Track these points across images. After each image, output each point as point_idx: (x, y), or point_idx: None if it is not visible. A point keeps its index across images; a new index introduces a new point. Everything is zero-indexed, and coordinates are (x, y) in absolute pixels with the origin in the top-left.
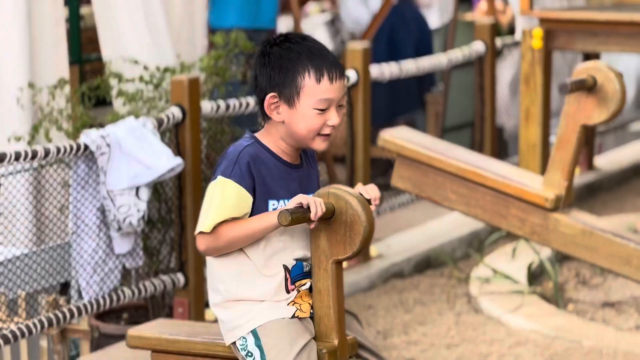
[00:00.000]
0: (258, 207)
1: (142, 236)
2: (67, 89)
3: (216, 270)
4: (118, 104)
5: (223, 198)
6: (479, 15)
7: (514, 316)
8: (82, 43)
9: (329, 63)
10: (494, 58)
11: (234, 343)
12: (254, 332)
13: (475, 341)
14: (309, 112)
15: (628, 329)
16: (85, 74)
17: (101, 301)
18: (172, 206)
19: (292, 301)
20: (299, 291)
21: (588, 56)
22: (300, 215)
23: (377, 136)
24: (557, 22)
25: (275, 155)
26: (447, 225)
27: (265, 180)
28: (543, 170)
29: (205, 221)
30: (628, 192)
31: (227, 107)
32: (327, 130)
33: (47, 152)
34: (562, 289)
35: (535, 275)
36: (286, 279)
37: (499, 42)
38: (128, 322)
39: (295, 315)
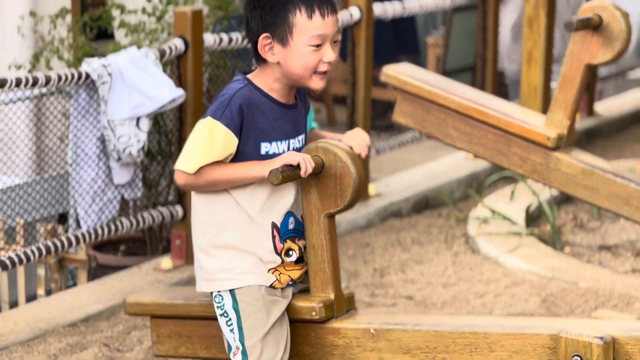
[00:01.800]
0: (250, 150)
1: (142, 168)
2: (68, 18)
3: (202, 214)
4: (120, 35)
5: (211, 141)
6: None
7: (511, 257)
8: None
9: None
10: None
11: (210, 293)
12: (232, 293)
13: (472, 281)
14: (303, 49)
15: (624, 271)
16: (87, 7)
17: (99, 231)
18: (172, 138)
19: (274, 268)
20: (283, 260)
21: None
22: (290, 173)
23: (377, 76)
24: None
25: (270, 97)
26: (446, 166)
27: (257, 123)
28: (544, 113)
29: (190, 161)
30: (627, 138)
31: (230, 40)
32: (323, 67)
33: (48, 80)
34: (560, 232)
35: (533, 218)
36: (273, 237)
37: None
38: (125, 254)
39: (273, 285)
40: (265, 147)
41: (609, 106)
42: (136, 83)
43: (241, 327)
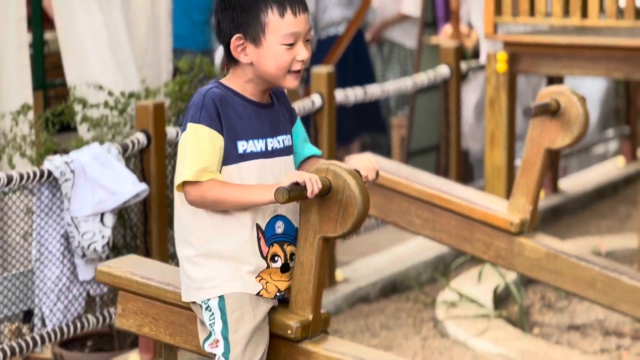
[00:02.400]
0: (227, 150)
1: None
2: (30, 114)
3: (187, 222)
4: (83, 130)
5: (198, 143)
6: (444, 38)
7: (480, 340)
8: (46, 68)
9: None
10: (459, 81)
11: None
12: (219, 297)
13: None
14: (276, 48)
15: (593, 352)
16: (50, 100)
17: (65, 329)
18: (137, 232)
19: (260, 276)
20: (268, 265)
21: (552, 80)
22: (297, 193)
23: (341, 158)
24: (521, 45)
25: (242, 95)
26: (413, 249)
27: (232, 121)
28: (509, 193)
29: (184, 170)
30: (592, 214)
31: None
32: (297, 66)
33: (10, 179)
34: (528, 312)
35: (500, 299)
36: (258, 238)
37: (463, 65)
38: (92, 350)
39: (260, 293)
40: (242, 146)
41: (573, 183)
42: (99, 179)
43: (226, 320)
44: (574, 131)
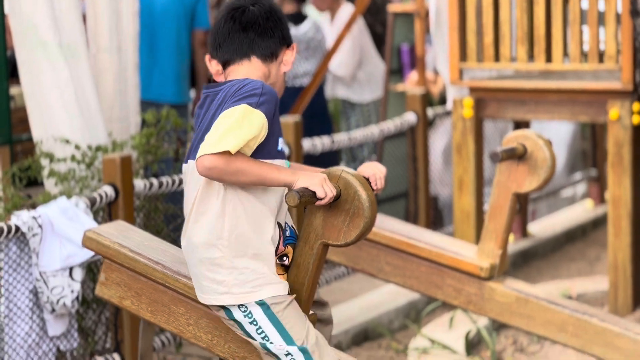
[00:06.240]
0: (271, 145)
1: (77, 317)
2: None
3: (214, 221)
4: (50, 184)
5: (251, 125)
6: (410, 85)
7: None
8: (13, 123)
9: None
10: (425, 128)
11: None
12: (261, 304)
13: None
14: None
15: None
16: (17, 155)
17: None
18: None
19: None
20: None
21: (519, 124)
22: (308, 199)
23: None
24: (486, 91)
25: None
26: (384, 296)
27: (278, 118)
28: (478, 238)
29: (234, 140)
30: (562, 258)
31: (160, 184)
32: None
33: None
34: (500, 357)
35: (473, 344)
36: (279, 237)
37: (430, 112)
38: None
39: (289, 292)
40: (280, 143)
41: (543, 226)
42: (67, 233)
43: (284, 330)
44: (540, 175)
